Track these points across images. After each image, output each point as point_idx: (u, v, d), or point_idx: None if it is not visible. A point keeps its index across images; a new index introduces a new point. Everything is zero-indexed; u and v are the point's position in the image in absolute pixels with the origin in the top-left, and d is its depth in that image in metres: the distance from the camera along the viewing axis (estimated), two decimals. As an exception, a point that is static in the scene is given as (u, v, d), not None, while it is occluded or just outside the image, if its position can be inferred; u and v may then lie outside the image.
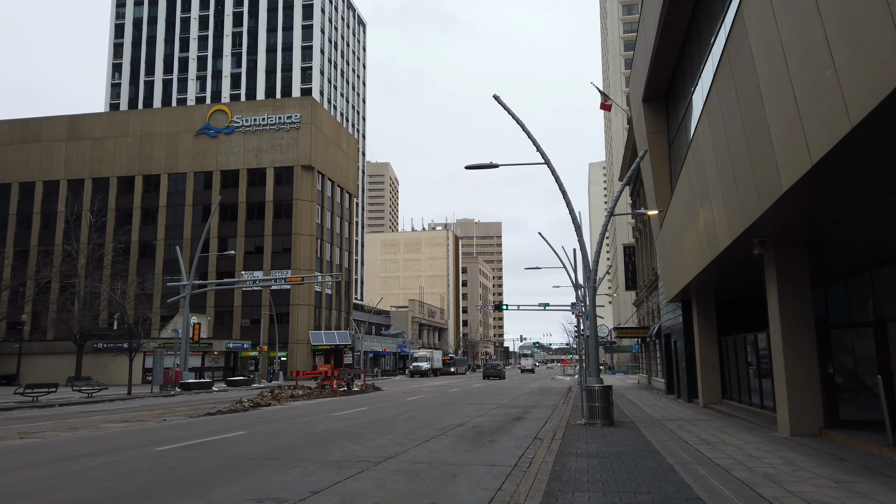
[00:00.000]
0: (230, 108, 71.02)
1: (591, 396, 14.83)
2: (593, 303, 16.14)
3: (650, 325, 37.01)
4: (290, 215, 67.47)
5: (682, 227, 17.89)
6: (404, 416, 18.89)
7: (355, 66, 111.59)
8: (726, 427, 14.05)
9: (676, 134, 22.11)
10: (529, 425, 16.11)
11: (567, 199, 16.71)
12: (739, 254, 13.21)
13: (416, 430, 14.75)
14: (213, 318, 67.33)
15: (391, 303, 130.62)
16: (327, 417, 18.49)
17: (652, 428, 14.13)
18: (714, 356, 20.82)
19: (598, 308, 70.74)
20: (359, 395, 30.55)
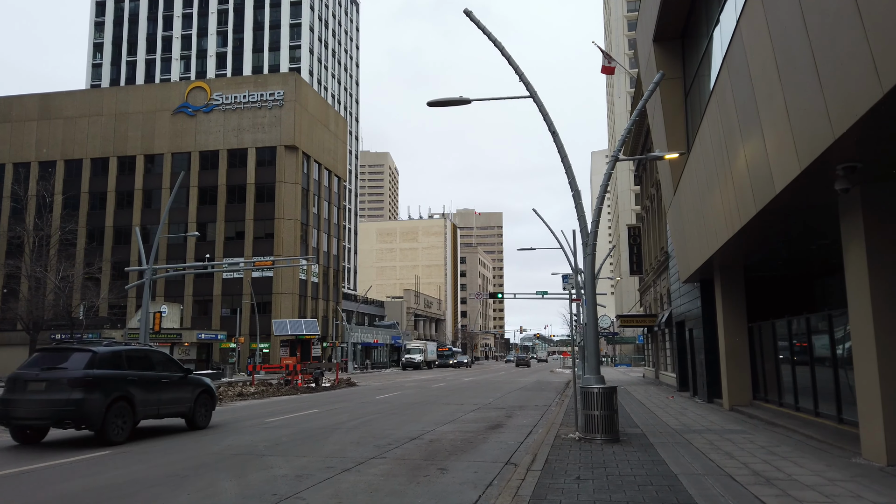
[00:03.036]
0: (209, 85, 66.88)
1: (589, 402, 10.86)
2: (591, 274, 12.16)
3: (658, 313, 33.01)
4: (273, 199, 63.46)
5: (707, 181, 13.88)
6: (354, 422, 14.96)
7: (348, 47, 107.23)
8: (777, 445, 10.07)
9: (695, 78, 18.10)
10: (506, 438, 12.16)
11: (556, 136, 12.70)
12: (802, 199, 9.21)
13: (349, 448, 10.81)
14: (192, 307, 63.52)
15: (388, 293, 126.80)
16: (255, 425, 14.56)
17: (673, 447, 10.15)
18: (743, 347, 16.83)
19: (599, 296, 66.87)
20: (325, 393, 26.65)
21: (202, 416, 13.97)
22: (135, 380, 12.17)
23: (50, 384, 11.17)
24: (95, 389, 11.26)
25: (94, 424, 11.20)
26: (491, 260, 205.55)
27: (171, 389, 13.13)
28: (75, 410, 10.98)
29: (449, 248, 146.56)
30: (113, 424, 11.42)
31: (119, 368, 12.04)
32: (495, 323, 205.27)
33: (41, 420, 11.22)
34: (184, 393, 13.49)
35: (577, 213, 12.48)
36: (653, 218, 34.17)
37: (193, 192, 65.06)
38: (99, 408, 11.18)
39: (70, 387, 11.09)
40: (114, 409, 11.46)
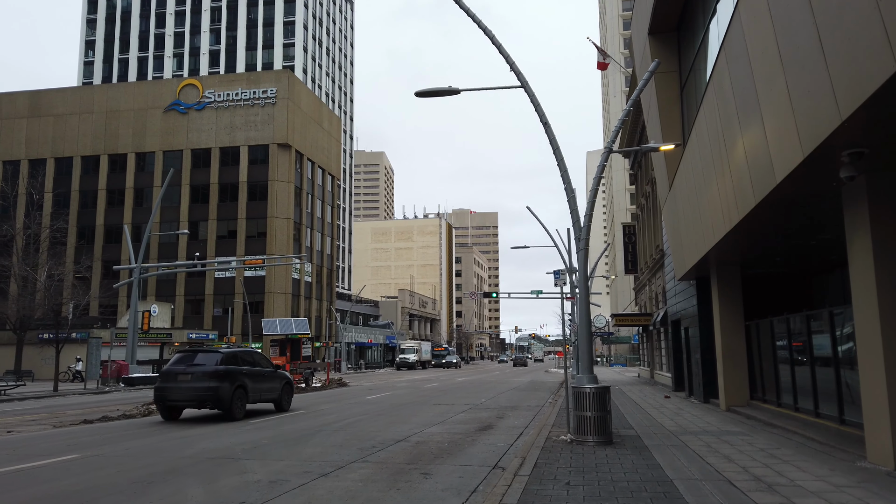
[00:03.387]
0: (201, 83, 66.27)
1: (581, 402, 10.41)
2: (584, 270, 11.71)
3: (653, 312, 32.63)
4: (266, 197, 62.88)
5: (704, 175, 13.45)
6: (339, 423, 14.48)
7: (342, 45, 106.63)
8: (777, 448, 9.63)
9: (691, 72, 17.71)
10: (496, 440, 11.69)
11: (548, 127, 12.26)
12: (804, 189, 8.77)
13: (331, 451, 10.33)
14: (184, 306, 62.90)
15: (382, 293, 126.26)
16: (236, 427, 14.06)
17: (668, 449, 9.71)
18: (740, 346, 16.42)
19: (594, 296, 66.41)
20: (314, 393, 26.15)
21: (286, 402, 17.97)
22: (246, 373, 15.92)
23: (194, 376, 14.98)
24: (225, 380, 15.04)
25: (224, 405, 14.99)
26: (487, 260, 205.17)
27: (267, 381, 17.04)
28: (213, 395, 14.81)
29: (444, 247, 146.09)
30: (236, 405, 15.25)
31: (236, 364, 15.72)
32: (491, 323, 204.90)
33: (188, 402, 15.07)
34: (275, 383, 17.42)
35: (570, 206, 12.03)
36: (648, 216, 33.79)
37: (185, 191, 64.44)
38: (228, 393, 14.99)
39: (208, 378, 14.88)
40: (236, 394, 15.30)
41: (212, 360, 15.37)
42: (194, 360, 15.39)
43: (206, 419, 15.66)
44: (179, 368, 15.26)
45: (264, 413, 17.07)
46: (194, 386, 14.85)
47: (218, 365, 15.11)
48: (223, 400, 14.90)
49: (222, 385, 14.87)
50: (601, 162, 12.13)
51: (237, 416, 15.20)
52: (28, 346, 40.67)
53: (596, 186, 12.11)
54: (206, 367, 15.08)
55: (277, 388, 17.48)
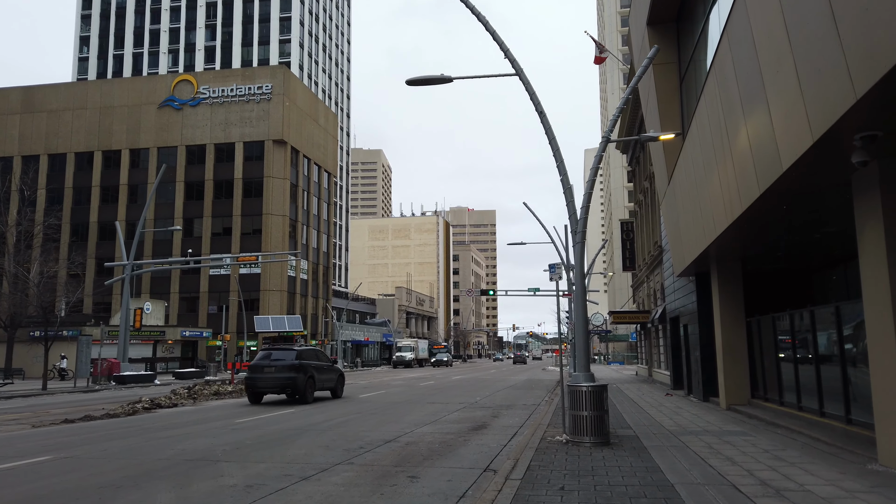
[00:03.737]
0: (196, 79, 65.70)
1: (577, 401, 9.97)
2: (581, 264, 11.27)
3: (651, 309, 32.22)
4: (261, 194, 62.36)
5: (705, 166, 13.02)
6: (329, 423, 14.04)
7: (339, 42, 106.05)
8: (782, 449, 9.21)
9: (690, 62, 17.30)
10: (488, 441, 11.26)
11: (543, 115, 11.83)
12: (812, 177, 8.34)
13: (315, 453, 9.89)
14: (178, 304, 62.39)
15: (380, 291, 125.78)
16: (222, 427, 13.62)
17: (668, 451, 9.28)
18: (741, 343, 16.00)
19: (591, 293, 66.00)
20: (307, 391, 25.66)
21: (340, 390, 21.83)
22: (314, 366, 19.85)
23: (276, 369, 18.85)
24: (300, 371, 18.93)
25: (300, 392, 18.94)
26: (484, 258, 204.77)
27: (327, 372, 21.04)
28: (292, 383, 18.76)
29: (441, 245, 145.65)
30: (308, 392, 19.27)
31: (307, 359, 19.62)
32: (488, 321, 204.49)
33: (272, 389, 19.06)
34: (332, 375, 21.46)
35: (566, 197, 11.59)
36: (646, 212, 33.37)
37: (180, 188, 63.91)
38: (303, 382, 18.94)
39: (287, 370, 18.77)
40: (308, 383, 19.21)
41: (289, 356, 19.17)
42: (274, 357, 19.23)
43: (200, 419, 15.22)
44: (265, 363, 19.13)
45: (257, 412, 16.63)
46: (277, 377, 18.83)
47: (294, 360, 19.02)
48: (299, 388, 18.88)
49: (298, 376, 18.89)
50: (598, 152, 11.69)
51: (309, 400, 19.42)
52: (19, 344, 40.14)
53: (593, 177, 11.68)
54: (285, 362, 18.98)
55: (334, 379, 21.53)
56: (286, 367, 18.82)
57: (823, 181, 8.46)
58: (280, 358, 19.03)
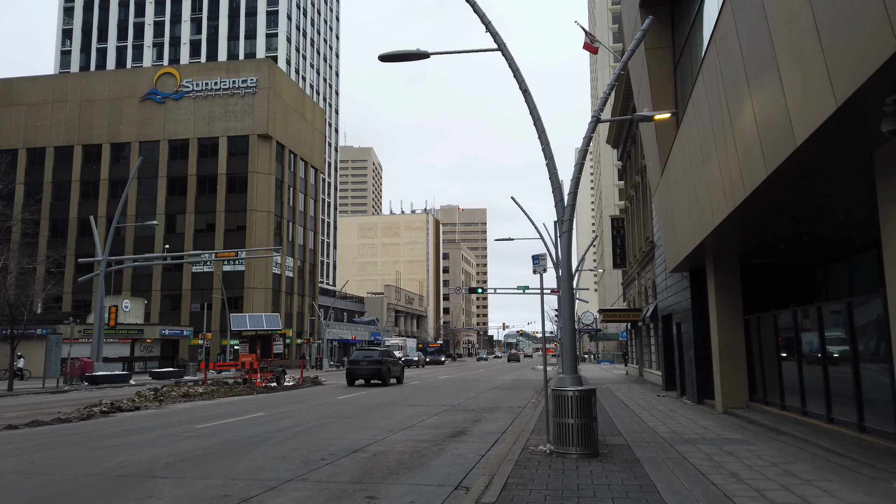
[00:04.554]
0: (179, 71, 64.26)
1: (563, 408, 8.93)
2: (568, 256, 10.24)
3: (643, 307, 31.30)
4: (246, 189, 61.03)
5: (702, 151, 12.04)
6: (296, 429, 12.95)
7: (327, 37, 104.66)
8: (791, 462, 8.22)
9: (685, 47, 16.36)
10: (466, 450, 10.21)
11: (527, 94, 10.81)
12: (829, 153, 7.34)
13: (269, 466, 8.82)
14: (160, 301, 60.99)
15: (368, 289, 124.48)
16: (178, 433, 12.51)
17: (663, 464, 8.26)
18: (739, 342, 15.04)
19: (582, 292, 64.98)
20: (284, 393, 24.57)
21: (401, 378, 30.83)
22: (389, 361, 28.88)
23: (368, 363, 27.92)
24: (381, 364, 27.78)
25: (383, 379, 27.86)
26: (475, 256, 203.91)
27: (395, 366, 29.73)
28: (377, 372, 27.68)
29: (431, 243, 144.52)
30: (386, 378, 28.05)
31: (385, 357, 28.73)
32: (479, 319, 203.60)
33: (365, 377, 28.03)
34: (397, 368, 30.24)
35: (551, 179, 10.56)
36: (637, 207, 32.45)
37: (162, 183, 62.49)
38: (385, 371, 27.89)
39: (375, 364, 27.77)
40: (385, 372, 27.99)
41: (374, 354, 29.06)
42: (365, 356, 29.00)
43: (159, 423, 14.08)
44: (360, 359, 28.85)
45: (223, 416, 15.51)
46: (368, 368, 28.07)
47: (378, 357, 28.57)
48: (382, 375, 28.06)
49: (381, 367, 28.03)
50: (588, 133, 10.67)
51: (388, 383, 28.42)
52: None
53: (582, 160, 10.65)
54: (372, 358, 28.53)
55: (399, 370, 30.65)
56: (373, 362, 28.26)
57: (842, 157, 7.46)
58: (369, 356, 28.99)
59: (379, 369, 27.70)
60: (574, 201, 10.59)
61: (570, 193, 10.62)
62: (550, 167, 10.83)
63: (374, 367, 27.78)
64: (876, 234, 12.79)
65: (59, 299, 60.09)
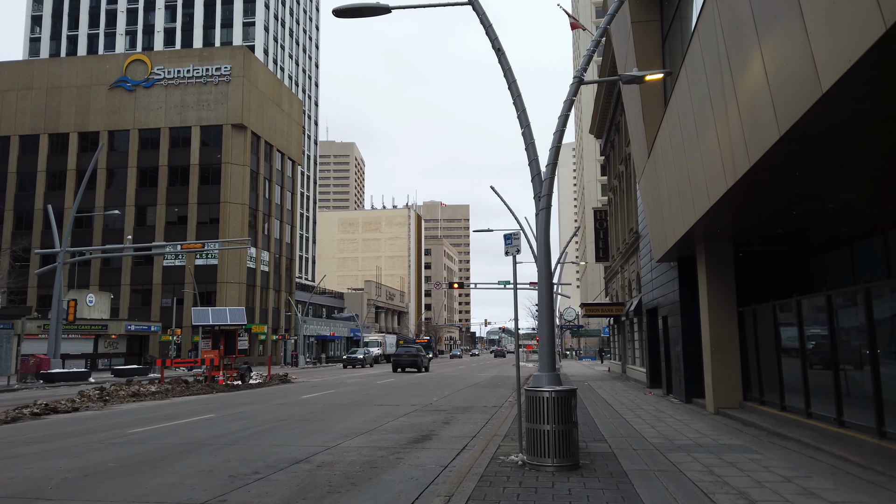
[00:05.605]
0: (150, 59, 62.05)
1: (538, 411, 7.59)
2: (545, 237, 8.91)
3: (626, 301, 30.16)
4: (219, 181, 59.07)
5: (697, 122, 10.77)
6: (240, 434, 11.50)
7: (307, 27, 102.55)
8: (807, 476, 6.96)
9: (674, 20, 15.13)
10: (427, 460, 8.85)
11: (501, 53, 9.46)
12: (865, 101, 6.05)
13: (188, 482, 7.39)
14: (129, 296, 58.90)
15: (349, 285, 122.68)
16: (105, 439, 11.02)
17: (656, 479, 6.96)
18: (732, 336, 13.83)
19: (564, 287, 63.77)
20: (246, 392, 23.04)
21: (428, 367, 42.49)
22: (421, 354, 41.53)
23: (409, 353, 40.80)
24: (418, 356, 40.38)
25: (419, 367, 40.09)
26: (457, 253, 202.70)
27: (424, 358, 41.20)
28: (416, 362, 39.97)
29: (413, 239, 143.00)
30: (422, 367, 40.38)
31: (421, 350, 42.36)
32: (461, 316, 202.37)
33: (406, 366, 39.95)
34: (426, 360, 42.30)
35: (528, 150, 9.22)
36: (621, 198, 31.29)
37: (132, 173, 60.32)
38: (421, 361, 40.44)
39: (413, 356, 40.23)
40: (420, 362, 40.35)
41: (413, 348, 41.83)
42: (406, 349, 41.54)
43: (91, 427, 12.54)
44: (402, 352, 41.48)
45: (168, 418, 14.00)
46: (408, 359, 39.57)
47: (416, 351, 40.68)
48: (418, 365, 39.61)
49: (418, 358, 39.74)
50: (569, 95, 9.33)
51: (423, 371, 39.24)
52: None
53: (563, 127, 9.31)
54: (411, 351, 40.99)
55: (427, 361, 42.11)
56: (412, 354, 40.44)
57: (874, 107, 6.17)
58: (409, 349, 41.85)
59: (415, 360, 39.93)
60: (553, 174, 9.25)
61: (549, 165, 9.29)
62: (527, 136, 9.48)
63: (413, 358, 40.02)
64: (884, 217, 11.65)
65: (23, 293, 57.87)
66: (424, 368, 40.70)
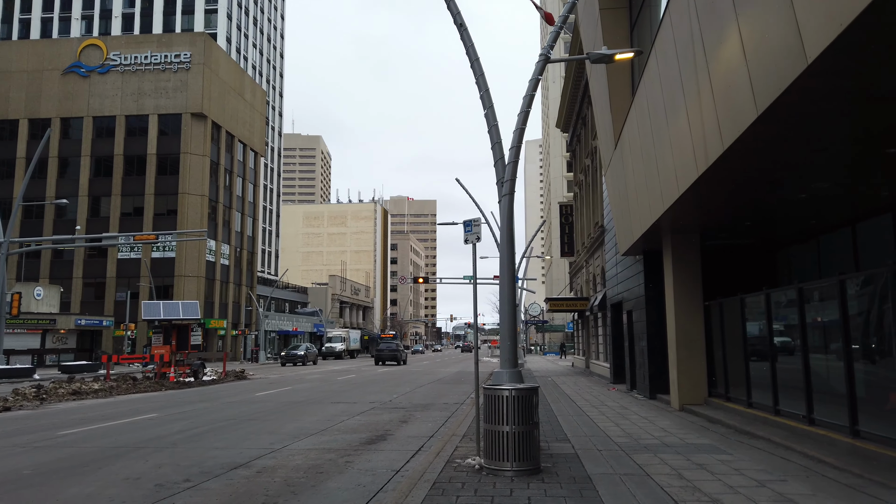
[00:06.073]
0: (105, 43, 59.79)
1: (497, 411, 7.01)
2: (508, 223, 8.34)
3: (590, 296, 29.92)
4: (177, 171, 57.24)
5: (668, 107, 10.32)
6: (180, 435, 10.71)
7: (272, 16, 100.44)
8: (781, 478, 6.53)
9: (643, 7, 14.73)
10: (379, 463, 8.21)
11: (462, 29, 8.85)
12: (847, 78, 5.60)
13: (110, 490, 6.64)
14: (82, 290, 56.77)
15: (314, 279, 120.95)
16: (30, 441, 10.13)
17: (622, 485, 6.45)
18: (698, 331, 13.49)
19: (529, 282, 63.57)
20: (198, 389, 22.05)
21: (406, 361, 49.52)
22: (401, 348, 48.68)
23: (390, 348, 46.35)
24: (398, 350, 46.43)
25: (399, 360, 46.20)
26: (424, 248, 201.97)
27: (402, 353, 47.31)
28: (396, 356, 45.92)
29: (379, 233, 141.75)
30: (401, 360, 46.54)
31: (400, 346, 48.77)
32: (427, 311, 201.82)
33: (387, 359, 45.83)
34: (405, 354, 48.99)
35: (491, 132, 8.63)
36: (586, 193, 31.02)
37: (86, 162, 58.06)
38: (400, 355, 46.58)
39: (394, 350, 46.05)
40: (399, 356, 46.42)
41: (393, 344, 47.19)
42: (387, 344, 46.99)
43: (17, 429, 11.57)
44: (384, 347, 46.32)
45: (107, 417, 13.07)
46: (389, 353, 45.36)
47: (395, 346, 46.38)
48: (398, 358, 45.64)
49: (398, 352, 45.74)
50: (534, 74, 8.78)
51: (402, 364, 44.97)
52: None
53: (527, 108, 8.74)
54: (391, 346, 46.50)
55: (405, 355, 48.30)
56: (393, 349, 45.68)
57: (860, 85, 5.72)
58: (390, 345, 46.61)
59: (395, 354, 45.35)
60: (517, 158, 8.69)
61: (513, 148, 8.72)
62: (489, 118, 8.88)
63: (394, 352, 45.29)
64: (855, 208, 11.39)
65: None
66: (403, 361, 47.03)
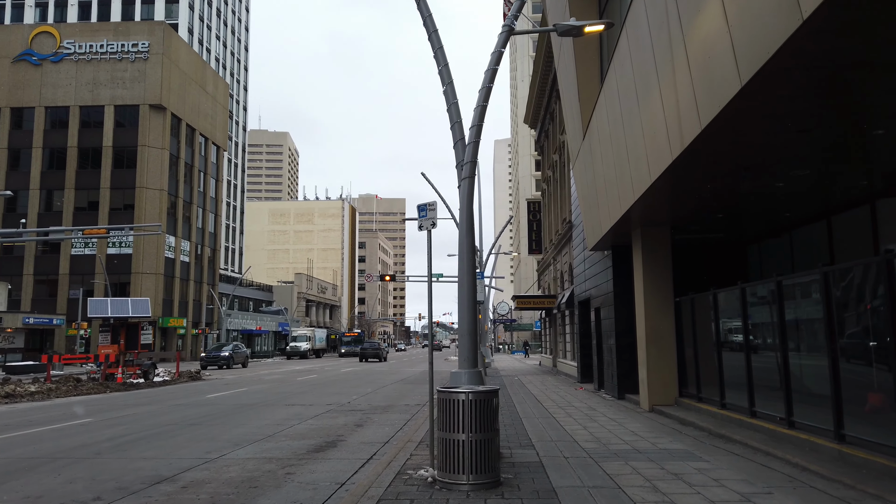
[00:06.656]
0: (59, 31, 57.39)
1: (452, 417, 6.25)
2: (468, 206, 7.59)
3: (558, 293, 29.41)
4: (135, 165, 55.24)
5: (640, 88, 9.69)
6: (110, 443, 9.71)
7: (236, 8, 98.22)
8: (766, 490, 5.90)
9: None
10: (321, 476, 7.38)
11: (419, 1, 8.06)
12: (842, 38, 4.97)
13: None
14: (33, 287, 54.43)
15: (280, 277, 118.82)
16: (-67, 452, 9.01)
17: (592, 500, 5.74)
18: (669, 328, 12.93)
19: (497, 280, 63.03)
20: (146, 391, 20.85)
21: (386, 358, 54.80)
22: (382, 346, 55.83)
23: (373, 348, 52.63)
24: (380, 349, 52.84)
25: (381, 357, 52.00)
26: (393, 246, 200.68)
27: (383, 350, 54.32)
28: (378, 354, 51.85)
29: (347, 231, 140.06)
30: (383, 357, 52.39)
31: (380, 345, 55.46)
32: (395, 311, 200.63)
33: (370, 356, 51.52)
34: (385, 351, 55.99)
35: (450, 111, 7.87)
36: (555, 189, 30.51)
37: (37, 154, 55.65)
38: (382, 353, 52.68)
39: (376, 349, 52.36)
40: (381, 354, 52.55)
41: (375, 342, 55.57)
42: (371, 344, 53.74)
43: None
44: (367, 345, 53.56)
45: (35, 423, 11.96)
46: (372, 351, 51.39)
47: (377, 345, 52.95)
48: (380, 356, 51.35)
49: (380, 350, 51.98)
50: (497, 46, 8.04)
51: (384, 360, 51.26)
52: None
53: (490, 83, 7.99)
54: (374, 345, 53.23)
55: (386, 353, 55.23)
56: (375, 348, 51.74)
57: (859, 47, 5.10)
58: (373, 343, 53.69)
59: (378, 352, 51.07)
60: (478, 137, 7.93)
61: (473, 127, 7.96)
62: (448, 94, 8.11)
63: (376, 350, 51.37)
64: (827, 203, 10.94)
65: None
66: (384, 359, 52.21)
